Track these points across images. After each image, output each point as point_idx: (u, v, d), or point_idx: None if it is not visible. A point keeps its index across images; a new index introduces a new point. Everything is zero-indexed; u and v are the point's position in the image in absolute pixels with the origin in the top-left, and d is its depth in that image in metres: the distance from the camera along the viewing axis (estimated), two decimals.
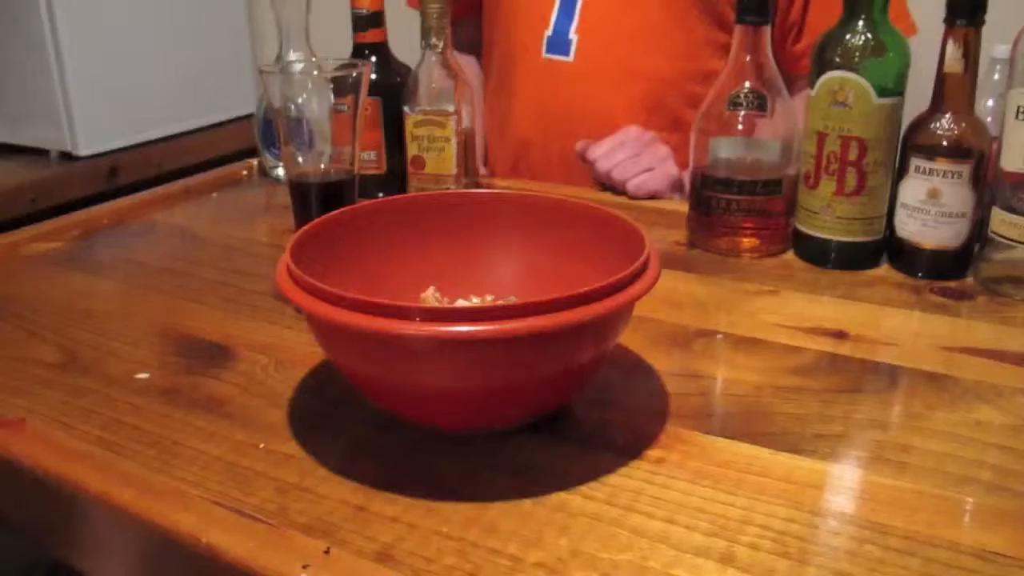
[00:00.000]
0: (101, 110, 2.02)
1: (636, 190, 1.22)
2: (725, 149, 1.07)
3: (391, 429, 0.71)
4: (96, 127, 2.03)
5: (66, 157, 2.03)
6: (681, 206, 1.21)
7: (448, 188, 1.27)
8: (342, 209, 0.80)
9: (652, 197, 1.23)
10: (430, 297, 0.82)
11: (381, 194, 1.30)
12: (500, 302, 0.81)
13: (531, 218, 0.84)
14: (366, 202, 0.82)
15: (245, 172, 1.41)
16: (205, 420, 0.73)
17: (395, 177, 1.30)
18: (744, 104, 1.02)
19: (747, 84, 1.03)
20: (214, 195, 1.32)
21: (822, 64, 0.98)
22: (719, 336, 0.88)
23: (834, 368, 0.81)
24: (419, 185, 1.29)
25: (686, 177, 1.26)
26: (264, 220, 1.21)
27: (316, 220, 0.77)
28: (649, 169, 1.23)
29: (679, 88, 1.36)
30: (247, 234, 1.15)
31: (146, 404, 0.76)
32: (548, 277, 0.83)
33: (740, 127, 1.04)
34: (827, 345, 0.85)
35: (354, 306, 0.61)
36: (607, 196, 1.26)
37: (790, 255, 1.07)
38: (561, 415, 0.73)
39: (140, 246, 1.12)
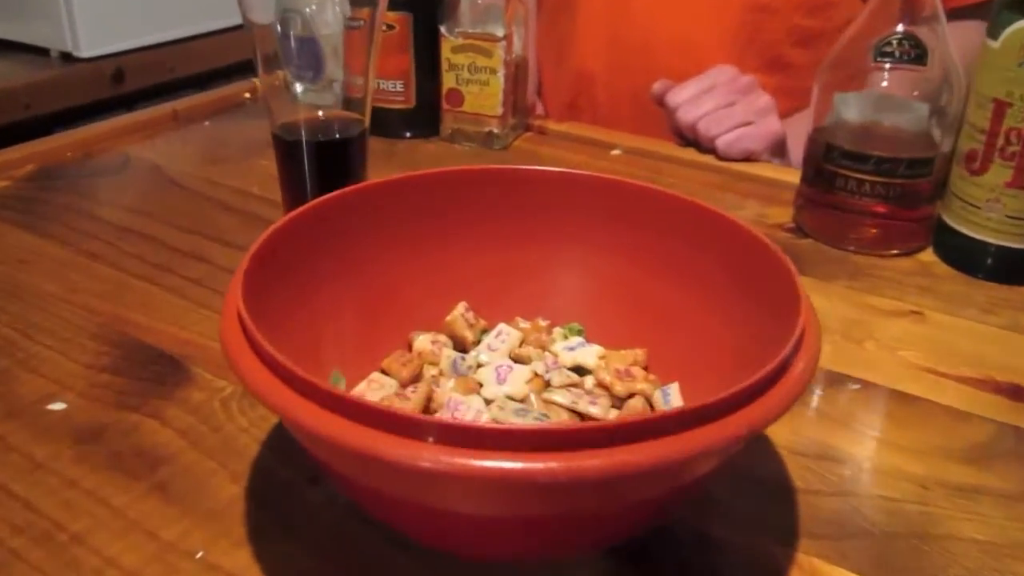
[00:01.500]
0: (107, 6, 1.75)
1: (727, 148, 0.95)
2: (857, 110, 0.79)
3: (399, 541, 0.46)
4: (101, 25, 1.76)
5: (67, 58, 1.77)
6: (784, 174, 0.93)
7: (491, 131, 1.00)
8: (339, 192, 0.54)
9: (746, 159, 0.96)
10: (459, 320, 0.57)
11: (408, 134, 1.03)
12: (560, 351, 0.55)
13: (611, 212, 0.58)
14: (374, 181, 0.56)
15: (247, 94, 1.14)
16: (127, 495, 0.50)
17: (425, 113, 1.04)
18: (896, 54, 0.74)
19: (900, 27, 0.74)
20: (206, 123, 1.07)
21: (1012, 5, 0.69)
22: (854, 386, 0.62)
23: (1021, 453, 0.55)
24: (455, 125, 1.02)
25: (797, 139, 0.98)
26: (262, 162, 0.95)
27: (298, 211, 0.51)
28: (745, 123, 0.95)
29: (783, 19, 1.06)
30: (238, 181, 0.90)
31: (50, 459, 0.52)
32: (628, 301, 0.57)
33: (884, 84, 0.76)
34: (1004, 409, 0.60)
35: (338, 407, 0.36)
36: (689, 153, 0.99)
37: (928, 255, 0.80)
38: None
39: (102, 192, 0.88)
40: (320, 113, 0.65)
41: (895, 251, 0.79)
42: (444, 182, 0.58)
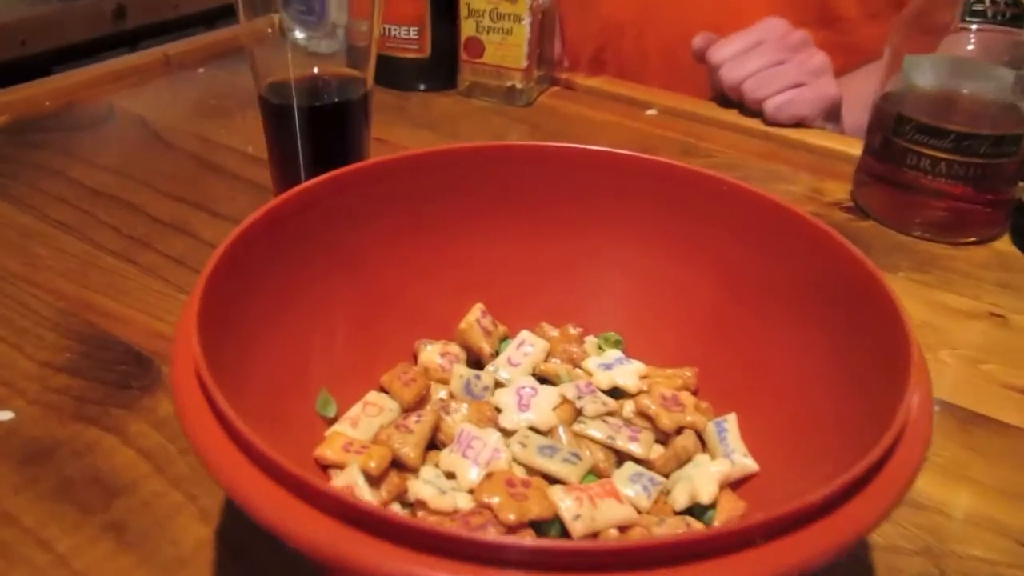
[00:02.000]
0: None
1: (776, 113, 0.84)
2: (932, 75, 0.68)
3: None
4: None
5: None
6: (841, 143, 0.82)
7: (513, 86, 0.90)
8: (331, 175, 0.44)
9: (797, 124, 0.85)
10: (474, 328, 0.47)
11: (422, 86, 0.92)
12: (594, 369, 0.46)
13: (663, 203, 0.48)
14: (376, 160, 0.46)
15: None
16: (75, 535, 0.41)
17: (441, 64, 0.93)
18: (989, 14, 0.62)
19: None
20: (200, 71, 0.96)
21: None
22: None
23: None
24: (473, 78, 0.92)
25: (851, 103, 0.87)
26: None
27: (277, 202, 0.41)
28: (796, 85, 0.84)
29: None
30: (232, 138, 0.80)
31: None
32: (676, 309, 0.47)
33: (970, 47, 0.65)
34: None
35: (308, 495, 0.26)
36: (732, 115, 0.88)
37: (1005, 243, 0.70)
38: None
39: (80, 149, 0.78)
40: (315, 70, 0.54)
41: (969, 239, 0.69)
42: (459, 161, 0.48)
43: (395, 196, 0.46)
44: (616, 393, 0.45)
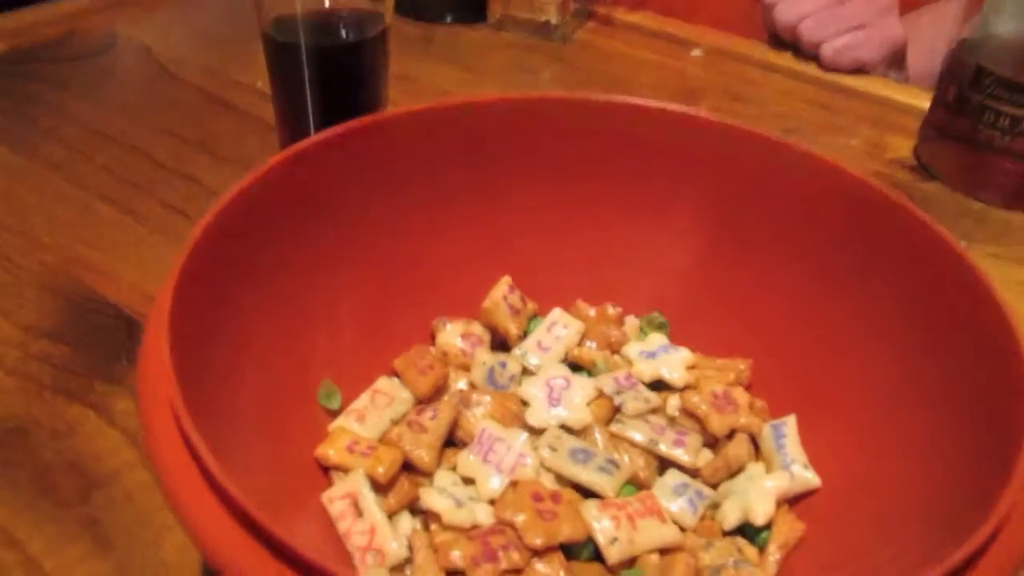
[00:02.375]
0: None
1: (835, 57, 0.76)
2: (1018, 23, 0.60)
3: None
4: None
5: None
6: (905, 94, 0.74)
7: (548, 21, 0.82)
8: (337, 130, 0.37)
9: (857, 70, 0.77)
10: (500, 306, 0.41)
11: (449, 18, 0.85)
12: (635, 357, 0.40)
13: (723, 171, 0.41)
14: (392, 112, 0.39)
15: None
16: (48, 531, 0.36)
17: None
18: None
19: None
20: None
21: None
22: None
23: None
24: (505, 11, 0.84)
25: (916, 47, 0.79)
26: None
27: (270, 164, 0.35)
28: (858, 27, 0.75)
29: None
30: (242, 72, 0.73)
31: None
32: (731, 291, 0.41)
33: None
34: None
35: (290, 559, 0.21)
36: (785, 58, 0.80)
37: None
38: None
39: (79, 82, 0.71)
40: (327, 3, 0.47)
41: None
42: (484, 115, 0.41)
43: (412, 154, 0.40)
44: (659, 385, 0.40)
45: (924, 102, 0.67)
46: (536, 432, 0.37)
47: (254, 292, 0.35)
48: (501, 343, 0.42)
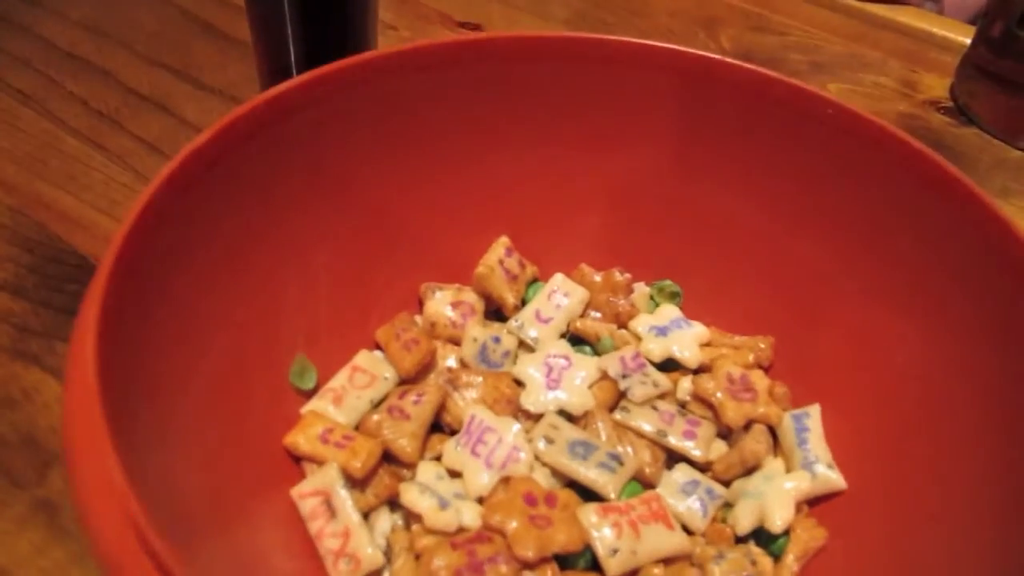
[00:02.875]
0: None
1: None
2: None
3: None
4: None
5: None
6: (941, 26, 0.68)
7: None
8: (316, 73, 0.32)
9: (890, 0, 0.70)
10: (495, 272, 0.37)
11: None
12: (644, 333, 0.36)
13: (736, 120, 0.36)
14: (375, 53, 0.34)
15: None
16: None
17: None
18: None
19: None
20: None
21: None
22: None
23: None
24: None
25: None
26: None
27: (251, 104, 0.30)
28: None
29: None
30: None
31: None
32: (753, 260, 0.37)
33: None
34: None
35: None
36: None
37: None
38: None
39: (52, 0, 0.65)
40: None
41: None
42: (480, 56, 0.35)
43: (399, 100, 0.35)
44: (670, 363, 0.35)
45: (964, 37, 0.61)
46: (532, 417, 0.33)
47: (215, 255, 0.30)
48: (496, 311, 0.37)
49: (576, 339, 0.37)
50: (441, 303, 0.36)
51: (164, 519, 0.23)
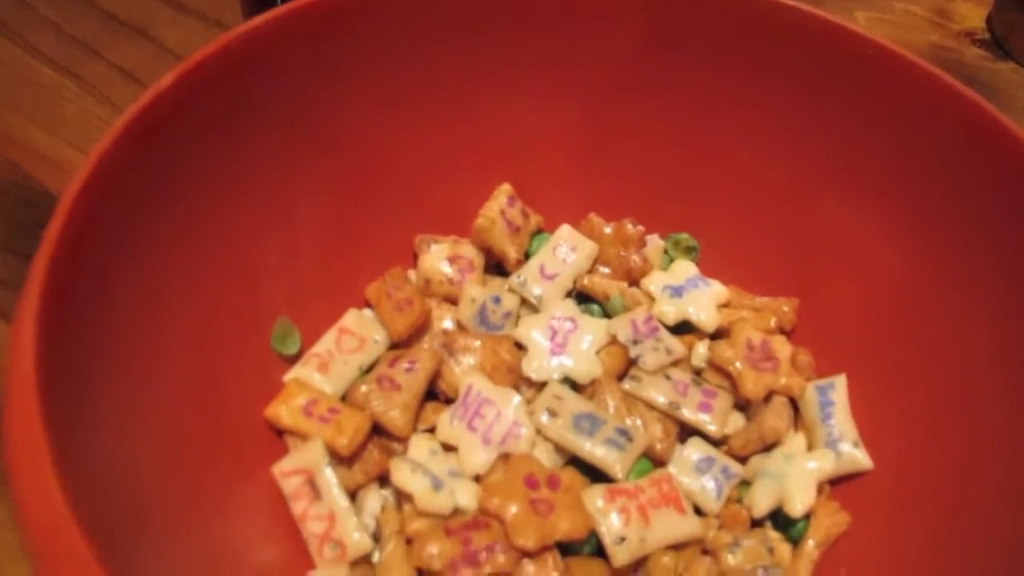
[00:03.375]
0: None
1: None
2: None
3: None
4: None
5: None
6: None
7: None
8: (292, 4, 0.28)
9: None
10: (497, 223, 0.33)
11: None
12: (658, 293, 0.32)
13: (756, 57, 0.32)
14: None
15: None
16: None
17: None
18: None
19: None
20: None
21: None
22: None
23: None
24: None
25: None
26: None
27: (224, 39, 0.26)
28: None
29: None
30: None
31: None
32: (778, 214, 0.33)
33: None
34: None
35: None
36: None
37: None
38: None
39: None
40: None
41: None
42: None
43: (390, 34, 0.31)
44: (685, 326, 0.32)
45: None
46: (534, 385, 0.30)
47: (184, 213, 0.27)
48: (497, 265, 0.34)
49: (583, 297, 0.33)
50: (437, 258, 0.33)
51: (106, 509, 0.20)
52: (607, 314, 0.33)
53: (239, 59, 0.27)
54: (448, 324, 0.32)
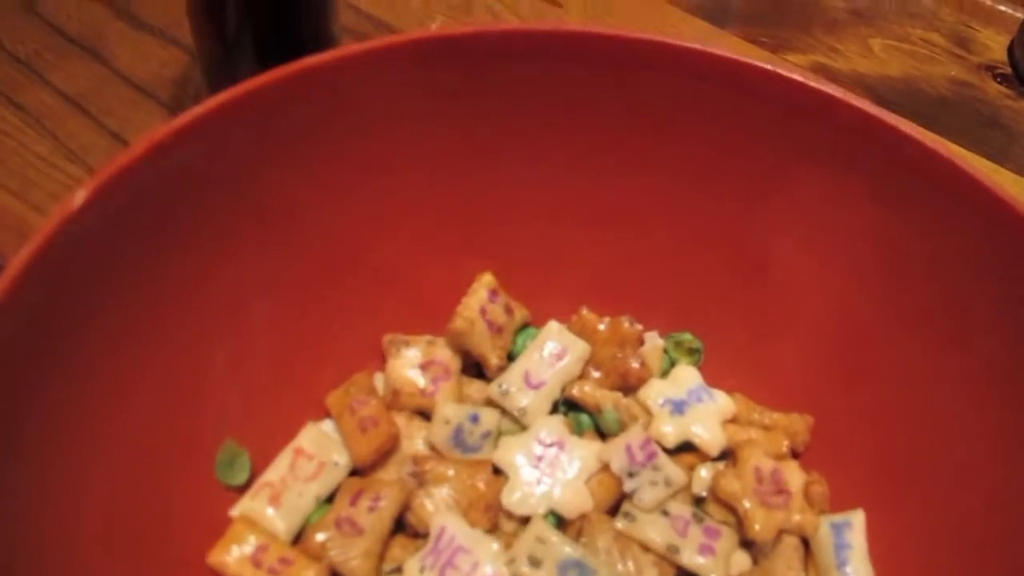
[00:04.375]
0: None
1: None
2: None
3: None
4: None
5: None
6: None
7: None
8: (264, 80, 0.24)
9: None
10: (477, 324, 0.29)
11: None
12: (657, 409, 0.29)
13: (774, 136, 0.28)
14: (334, 54, 0.25)
15: None
16: None
17: None
18: None
19: None
20: None
21: None
22: None
23: None
24: None
25: None
26: None
27: (174, 124, 0.22)
28: None
29: None
30: None
31: None
32: (787, 306, 0.30)
33: None
34: None
35: None
36: None
37: None
38: None
39: None
40: None
41: None
42: (462, 53, 0.27)
43: (355, 109, 0.26)
44: (683, 449, 0.29)
45: None
46: (516, 519, 0.26)
47: (115, 320, 0.23)
48: (477, 364, 0.30)
49: (571, 405, 0.30)
50: (407, 364, 0.29)
51: None
52: (597, 426, 0.29)
53: (172, 151, 0.23)
54: (420, 444, 0.28)
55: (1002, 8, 0.55)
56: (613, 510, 0.27)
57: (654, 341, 0.31)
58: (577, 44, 0.27)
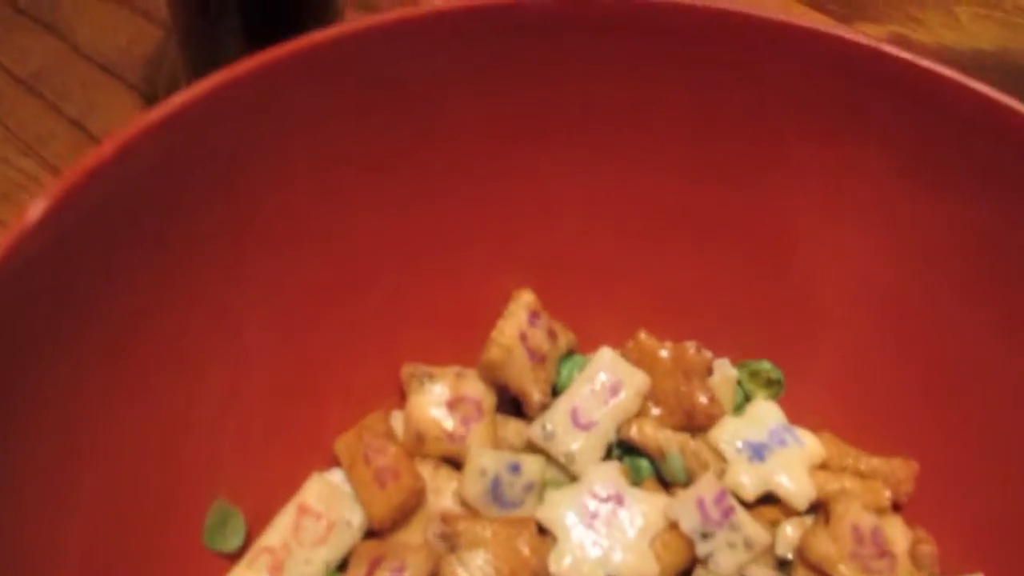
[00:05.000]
0: None
1: None
2: None
3: None
4: None
5: None
6: None
7: None
8: (259, 61, 0.22)
9: None
10: (516, 351, 0.27)
11: None
12: (733, 456, 0.27)
13: (862, 132, 0.26)
14: (340, 29, 0.23)
15: None
16: None
17: None
18: None
19: None
20: None
21: None
22: None
23: None
24: None
25: None
26: None
27: (161, 111, 0.20)
28: None
29: None
30: None
31: None
32: (889, 330, 0.28)
33: None
34: None
35: None
36: None
37: None
38: None
39: None
40: None
41: None
42: (496, 29, 0.25)
43: (367, 95, 0.24)
44: (765, 500, 0.27)
45: None
46: None
47: (81, 362, 0.21)
48: (514, 399, 0.28)
49: (627, 447, 0.28)
50: (432, 403, 0.27)
51: None
52: (659, 473, 0.27)
53: (148, 149, 0.21)
54: (449, 501, 0.26)
55: None
56: None
57: (725, 371, 0.29)
58: (646, 16, 0.24)
